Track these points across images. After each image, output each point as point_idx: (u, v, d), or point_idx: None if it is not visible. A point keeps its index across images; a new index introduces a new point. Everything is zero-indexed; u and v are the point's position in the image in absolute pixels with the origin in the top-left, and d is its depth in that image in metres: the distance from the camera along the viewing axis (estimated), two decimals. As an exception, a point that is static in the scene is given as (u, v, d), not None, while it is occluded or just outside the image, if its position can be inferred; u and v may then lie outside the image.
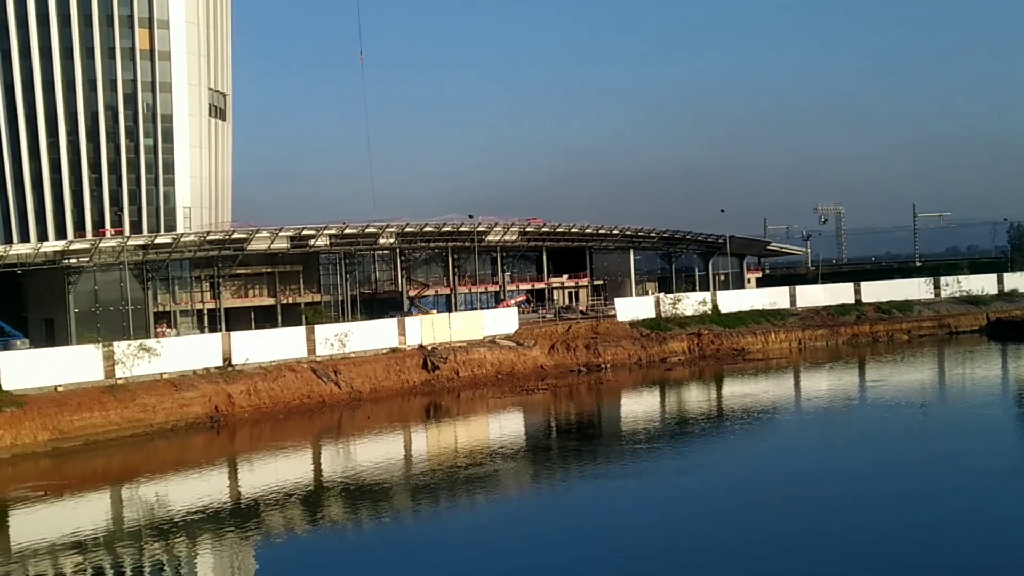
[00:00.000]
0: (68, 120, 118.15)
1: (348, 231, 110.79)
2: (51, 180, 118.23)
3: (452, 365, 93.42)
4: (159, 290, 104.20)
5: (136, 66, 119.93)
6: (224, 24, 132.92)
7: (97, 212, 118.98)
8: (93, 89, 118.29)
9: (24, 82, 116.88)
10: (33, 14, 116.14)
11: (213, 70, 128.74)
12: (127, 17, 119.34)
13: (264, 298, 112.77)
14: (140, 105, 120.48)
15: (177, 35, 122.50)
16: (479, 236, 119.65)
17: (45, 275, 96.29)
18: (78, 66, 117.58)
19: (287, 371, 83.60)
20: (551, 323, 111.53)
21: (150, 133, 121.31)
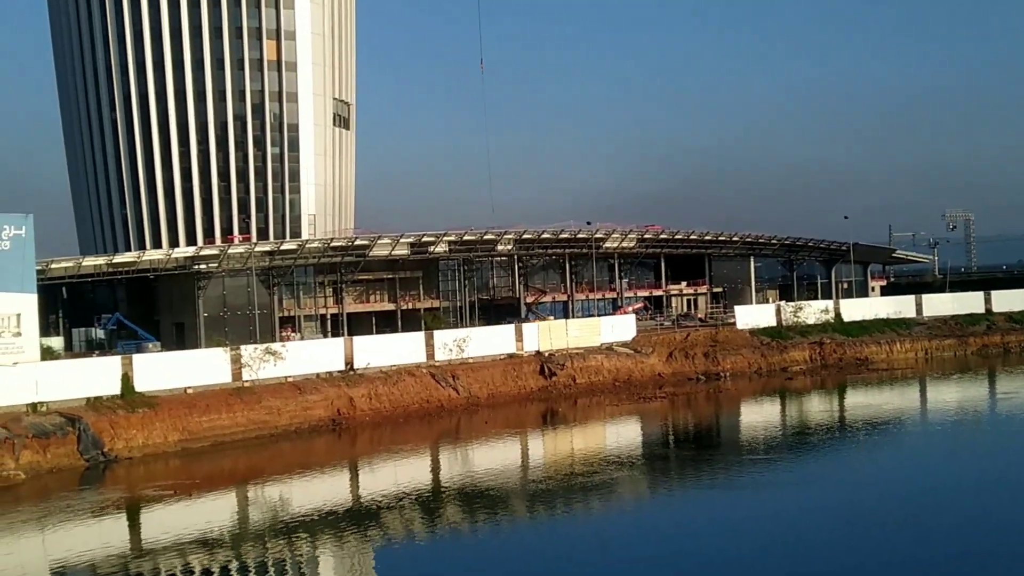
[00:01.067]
0: (199, 130, 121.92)
1: (467, 238, 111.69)
2: (182, 188, 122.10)
3: (569, 371, 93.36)
4: (284, 295, 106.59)
5: (264, 77, 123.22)
6: (348, 34, 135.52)
7: (226, 219, 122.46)
8: (223, 100, 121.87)
9: (157, 93, 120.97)
10: (166, 27, 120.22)
11: (337, 80, 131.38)
12: (255, 29, 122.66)
13: (385, 303, 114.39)
14: (267, 115, 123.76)
15: (303, 46, 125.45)
16: (597, 243, 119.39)
17: (176, 280, 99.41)
18: (208, 77, 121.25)
19: (407, 376, 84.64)
20: (669, 330, 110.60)
21: (277, 142, 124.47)
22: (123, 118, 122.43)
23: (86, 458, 62.81)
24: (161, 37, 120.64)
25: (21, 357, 68.10)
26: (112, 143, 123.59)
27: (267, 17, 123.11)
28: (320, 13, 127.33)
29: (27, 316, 69.33)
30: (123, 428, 66.44)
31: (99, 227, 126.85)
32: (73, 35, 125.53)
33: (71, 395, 67.48)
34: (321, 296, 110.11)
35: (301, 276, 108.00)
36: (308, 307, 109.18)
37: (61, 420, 64.27)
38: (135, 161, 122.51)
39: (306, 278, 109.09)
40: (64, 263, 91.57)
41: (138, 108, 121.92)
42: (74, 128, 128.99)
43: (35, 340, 70.30)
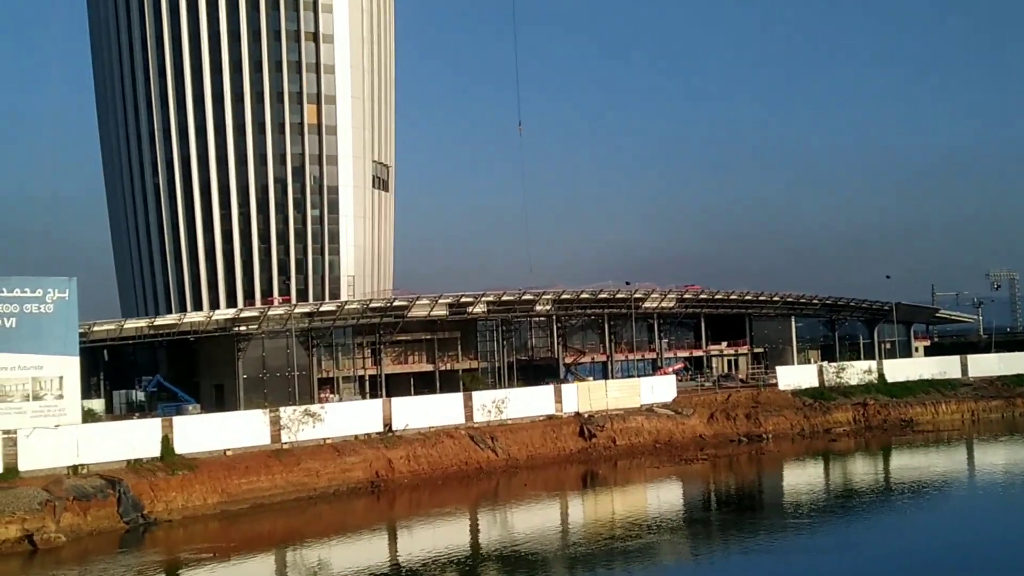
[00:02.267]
0: (240, 193, 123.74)
1: (505, 298, 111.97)
2: (223, 250, 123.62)
3: (609, 433, 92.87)
4: (323, 356, 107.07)
5: (304, 140, 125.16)
6: (388, 98, 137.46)
7: (266, 281, 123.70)
8: (264, 163, 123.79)
9: (199, 157, 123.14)
10: (208, 93, 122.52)
11: (377, 143, 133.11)
12: (296, 93, 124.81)
13: (423, 364, 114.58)
14: (308, 178, 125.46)
15: (343, 110, 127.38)
16: (636, 303, 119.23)
17: (216, 342, 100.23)
18: (250, 141, 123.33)
19: (445, 437, 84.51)
20: (710, 391, 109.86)
21: (317, 204, 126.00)
22: (165, 182, 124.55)
23: (126, 520, 63.05)
24: (203, 102, 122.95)
25: (63, 419, 68.81)
26: (154, 207, 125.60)
27: (308, 82, 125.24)
28: (360, 78, 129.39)
29: (69, 378, 70.16)
30: (163, 490, 66.73)
31: (141, 290, 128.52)
32: (117, 101, 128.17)
33: (112, 457, 67.93)
34: (360, 357, 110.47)
35: (340, 337, 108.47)
36: (347, 368, 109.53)
37: (102, 482, 64.64)
38: (177, 224, 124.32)
39: (345, 339, 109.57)
40: (106, 326, 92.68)
41: (180, 172, 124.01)
42: (117, 192, 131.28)
43: (77, 402, 71.05)
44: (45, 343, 69.13)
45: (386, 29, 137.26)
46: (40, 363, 69.07)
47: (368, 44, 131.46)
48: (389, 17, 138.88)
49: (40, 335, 69.06)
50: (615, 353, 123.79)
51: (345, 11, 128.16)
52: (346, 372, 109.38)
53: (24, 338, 68.40)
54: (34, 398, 68.74)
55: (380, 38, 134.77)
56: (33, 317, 69.02)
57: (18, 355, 68.24)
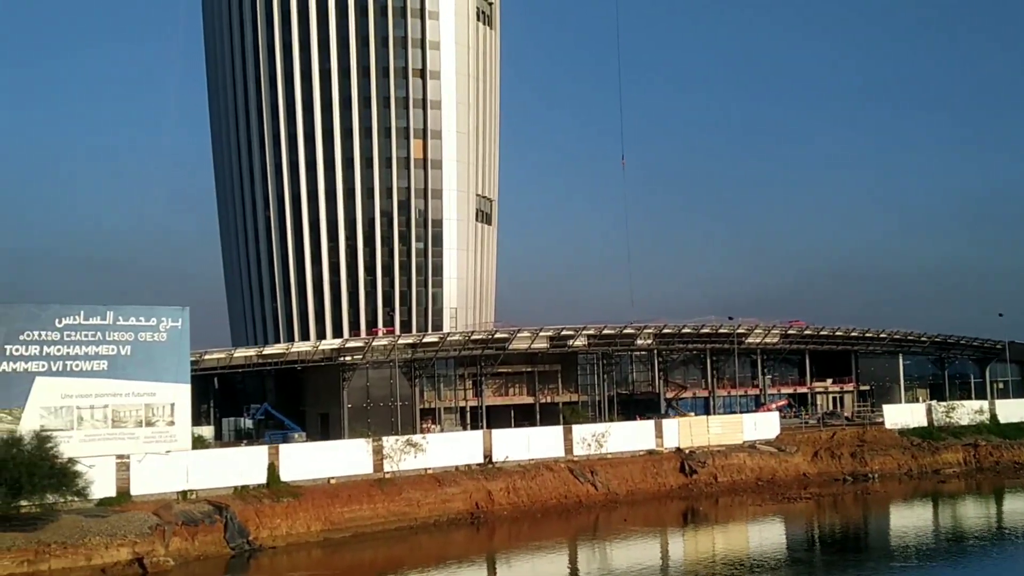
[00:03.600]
0: (347, 226, 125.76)
1: (606, 332, 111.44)
2: (330, 282, 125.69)
3: (710, 470, 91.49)
4: (425, 387, 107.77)
5: (410, 174, 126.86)
6: (492, 133, 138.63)
7: (371, 312, 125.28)
8: (370, 197, 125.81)
9: (309, 192, 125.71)
10: (319, 129, 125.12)
11: (481, 177, 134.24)
12: (403, 128, 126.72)
13: (524, 397, 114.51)
14: (413, 211, 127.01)
15: (448, 145, 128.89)
16: (739, 338, 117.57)
17: (322, 371, 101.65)
18: (358, 175, 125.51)
19: (545, 470, 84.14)
20: (814, 429, 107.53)
21: (421, 237, 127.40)
22: (276, 216, 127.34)
23: (232, 546, 63.92)
24: (314, 138, 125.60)
25: (173, 445, 70.27)
26: (265, 240, 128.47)
27: (415, 118, 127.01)
28: (465, 113, 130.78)
29: (180, 406, 71.66)
30: (268, 517, 67.55)
31: (251, 320, 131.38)
32: (232, 138, 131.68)
33: (219, 483, 69.09)
34: (461, 388, 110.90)
35: (442, 368, 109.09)
36: (448, 399, 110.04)
37: (209, 508, 65.74)
38: (286, 257, 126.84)
39: (447, 370, 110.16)
40: (216, 354, 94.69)
41: (291, 207, 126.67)
42: (230, 227, 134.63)
43: (187, 429, 72.49)
44: (158, 371, 70.77)
45: (491, 64, 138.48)
46: (153, 390, 70.69)
47: (474, 80, 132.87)
48: (494, 53, 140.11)
49: (153, 363, 70.75)
50: (717, 388, 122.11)
51: (452, 48, 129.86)
52: (448, 403, 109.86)
53: (138, 365, 70.13)
54: (146, 424, 70.34)
55: (485, 73, 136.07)
56: (147, 345, 70.77)
57: (132, 382, 69.93)
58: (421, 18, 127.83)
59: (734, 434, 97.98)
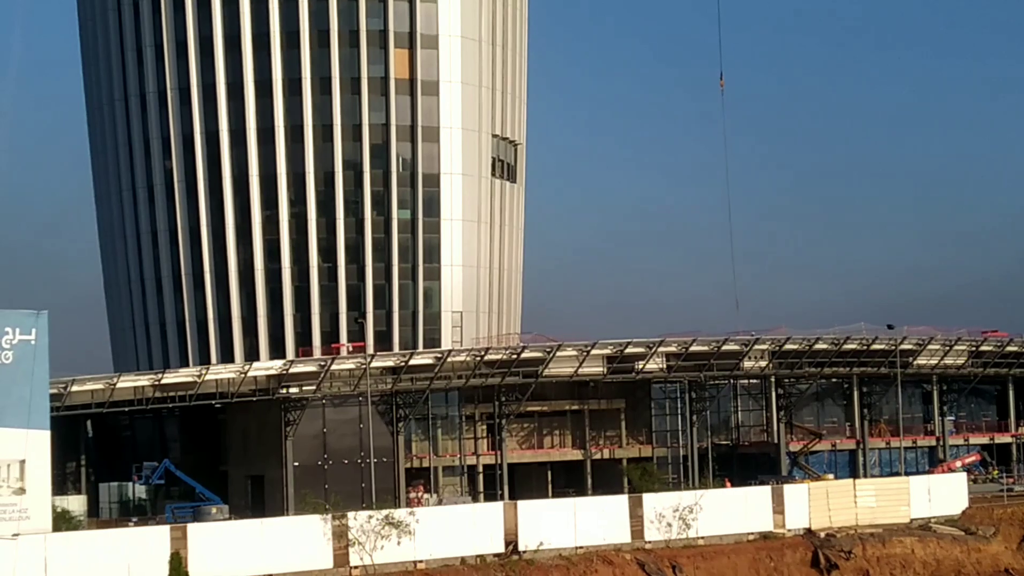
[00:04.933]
0: (293, 185, 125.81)
1: (695, 348, 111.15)
2: (265, 271, 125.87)
3: (859, 563, 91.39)
4: (414, 434, 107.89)
5: (390, 103, 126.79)
6: (517, 40, 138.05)
7: (328, 319, 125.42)
8: (328, 138, 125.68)
9: (233, 130, 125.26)
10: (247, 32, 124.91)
11: (500, 108, 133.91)
12: (378, 33, 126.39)
13: (567, 449, 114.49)
14: (393, 160, 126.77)
15: (449, 57, 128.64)
16: (902, 357, 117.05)
17: (253, 411, 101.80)
18: (308, 106, 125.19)
19: (600, 563, 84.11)
20: (1021, 498, 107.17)
21: (407, 202, 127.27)
22: (181, 167, 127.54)
23: None
24: (238, 46, 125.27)
25: (25, 525, 70.32)
26: (165, 205, 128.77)
27: (395, 14, 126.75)
28: (475, 7, 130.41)
29: (35, 464, 71.59)
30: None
31: (142, 331, 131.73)
32: (108, 38, 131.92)
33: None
34: (470, 436, 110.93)
35: (440, 406, 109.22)
36: (449, 453, 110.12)
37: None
38: (197, 232, 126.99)
39: (447, 409, 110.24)
40: (91, 384, 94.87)
41: (203, 153, 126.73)
42: (109, 183, 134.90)
43: (46, 500, 72.52)
44: (1, 410, 70.92)
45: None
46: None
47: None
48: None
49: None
50: (869, 436, 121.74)
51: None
52: (449, 459, 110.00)
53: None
54: (-18, 492, 70.59)
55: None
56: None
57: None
58: None
59: (896, 507, 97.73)
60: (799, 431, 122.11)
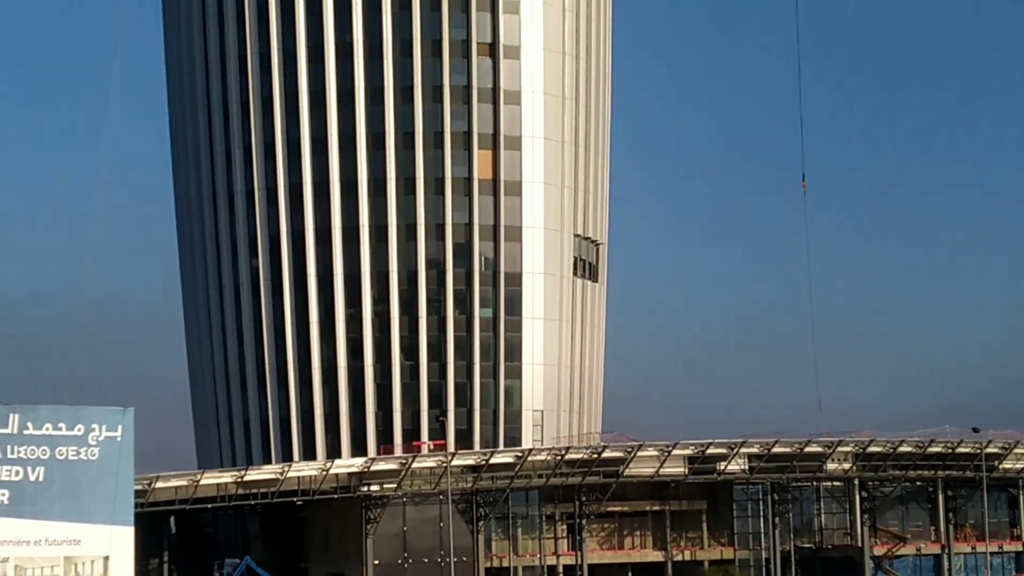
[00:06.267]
0: (375, 283, 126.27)
1: (778, 450, 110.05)
2: (348, 369, 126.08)
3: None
4: (494, 534, 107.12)
5: (473, 204, 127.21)
6: (600, 141, 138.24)
7: (410, 416, 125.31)
8: (411, 238, 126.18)
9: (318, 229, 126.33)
10: (333, 132, 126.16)
11: (582, 209, 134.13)
12: (463, 134, 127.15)
13: (647, 550, 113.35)
14: (476, 260, 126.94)
15: (533, 158, 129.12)
16: (988, 461, 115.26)
17: (335, 509, 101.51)
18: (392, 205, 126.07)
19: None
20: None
21: (489, 301, 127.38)
22: (267, 268, 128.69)
23: None
24: (324, 147, 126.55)
25: (108, 621, 70.40)
26: (250, 304, 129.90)
27: (479, 116, 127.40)
28: (559, 110, 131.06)
29: (119, 560, 71.92)
30: None
31: (226, 429, 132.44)
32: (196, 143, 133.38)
33: None
34: (550, 536, 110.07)
35: (520, 505, 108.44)
36: (529, 553, 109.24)
37: None
38: (281, 331, 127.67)
39: (527, 508, 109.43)
40: (175, 481, 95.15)
41: (289, 252, 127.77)
42: (197, 283, 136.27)
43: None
44: (86, 506, 71.22)
45: (599, 35, 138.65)
46: (77, 535, 71.15)
47: (571, 59, 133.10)
48: (603, 17, 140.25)
49: (79, 493, 71.25)
50: (954, 540, 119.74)
51: (539, 8, 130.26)
52: (529, 559, 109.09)
53: (56, 498, 70.72)
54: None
55: (590, 49, 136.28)
56: (69, 466, 71.33)
57: (46, 523, 70.45)
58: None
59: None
60: (883, 535, 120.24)
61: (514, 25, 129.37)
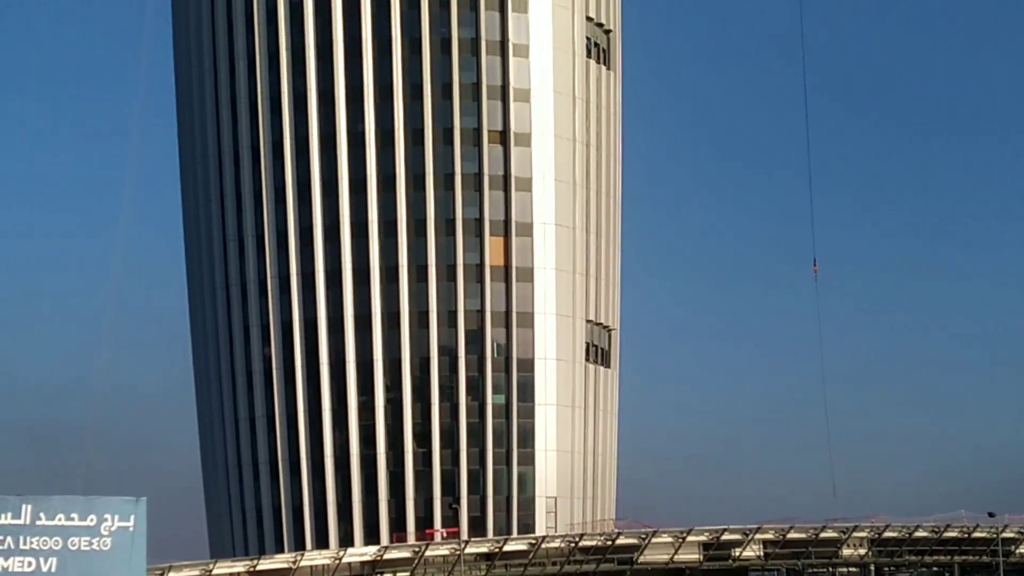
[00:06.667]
0: (388, 370, 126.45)
1: (793, 535, 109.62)
2: (360, 457, 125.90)
3: None
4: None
5: (485, 290, 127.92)
6: (611, 227, 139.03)
7: (422, 504, 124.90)
8: (424, 324, 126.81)
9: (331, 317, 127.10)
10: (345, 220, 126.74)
11: (594, 294, 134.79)
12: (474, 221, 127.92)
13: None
14: (489, 346, 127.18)
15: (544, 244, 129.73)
16: (1004, 546, 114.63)
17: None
18: (404, 293, 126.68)
19: None
20: None
21: (501, 388, 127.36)
22: (280, 353, 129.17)
23: None
24: (337, 235, 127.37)
25: None
26: (263, 391, 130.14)
27: (491, 203, 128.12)
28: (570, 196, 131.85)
29: (132, 650, 71.13)
30: None
31: (238, 517, 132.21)
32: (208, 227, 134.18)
33: None
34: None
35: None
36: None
37: None
38: (293, 418, 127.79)
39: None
40: (187, 571, 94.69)
41: (302, 338, 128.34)
42: (209, 373, 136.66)
43: None
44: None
45: (609, 122, 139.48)
46: (90, 629, 70.38)
47: (582, 145, 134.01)
48: (614, 105, 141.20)
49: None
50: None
51: (548, 98, 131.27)
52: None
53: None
54: None
55: (600, 136, 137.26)
56: (82, 557, 70.58)
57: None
58: (502, 54, 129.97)
59: None
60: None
61: (525, 113, 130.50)
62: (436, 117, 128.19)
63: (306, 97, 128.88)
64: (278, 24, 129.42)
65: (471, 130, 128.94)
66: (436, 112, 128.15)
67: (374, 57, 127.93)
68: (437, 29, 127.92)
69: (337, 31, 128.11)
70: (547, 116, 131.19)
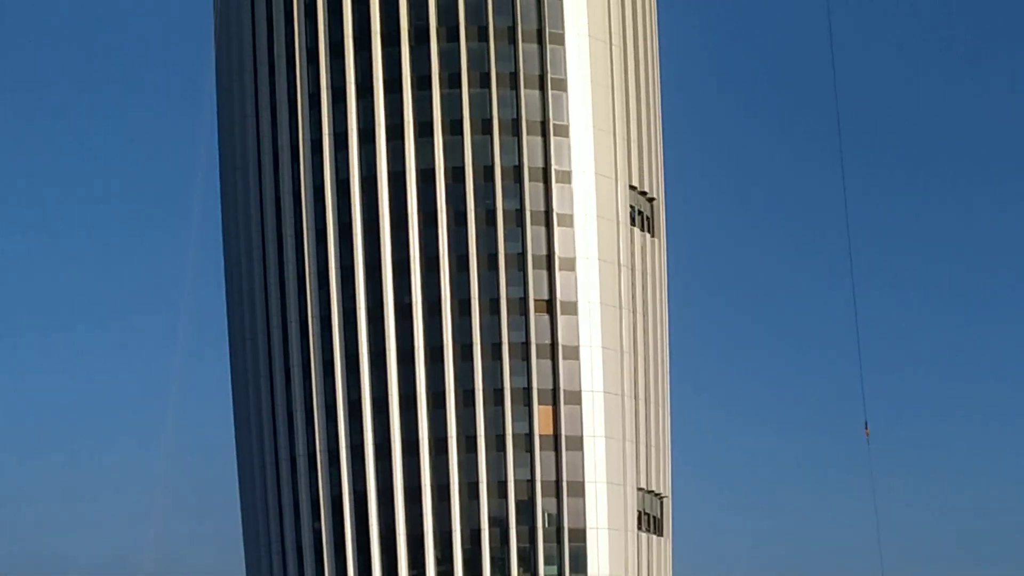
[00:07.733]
0: (439, 542, 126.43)
1: None
2: None
3: None
4: None
5: (535, 459, 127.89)
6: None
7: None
8: (474, 495, 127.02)
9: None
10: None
11: (645, 458, 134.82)
12: (522, 390, 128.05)
13: None
14: (539, 516, 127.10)
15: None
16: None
17: None
18: (453, 458, 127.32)
19: None
20: None
21: (553, 559, 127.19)
22: (329, 521, 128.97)
23: None
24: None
25: None
26: (313, 560, 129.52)
27: (539, 371, 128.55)
28: (618, 363, 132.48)
29: None
30: None
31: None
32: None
33: None
34: None
35: None
36: None
37: None
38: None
39: None
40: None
41: (352, 510, 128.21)
42: (258, 532, 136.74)
43: None
44: None
45: (655, 288, 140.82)
46: None
47: (629, 313, 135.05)
48: (658, 272, 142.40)
49: None
50: None
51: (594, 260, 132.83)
52: None
53: None
54: None
55: (647, 303, 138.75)
56: None
57: None
58: (547, 225, 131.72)
59: None
60: None
61: (570, 282, 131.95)
62: (482, 287, 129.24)
63: (353, 271, 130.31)
64: (325, 200, 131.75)
65: (517, 300, 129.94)
66: (482, 282, 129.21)
67: (420, 230, 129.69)
68: (481, 201, 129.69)
69: (383, 205, 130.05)
70: (593, 284, 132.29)
